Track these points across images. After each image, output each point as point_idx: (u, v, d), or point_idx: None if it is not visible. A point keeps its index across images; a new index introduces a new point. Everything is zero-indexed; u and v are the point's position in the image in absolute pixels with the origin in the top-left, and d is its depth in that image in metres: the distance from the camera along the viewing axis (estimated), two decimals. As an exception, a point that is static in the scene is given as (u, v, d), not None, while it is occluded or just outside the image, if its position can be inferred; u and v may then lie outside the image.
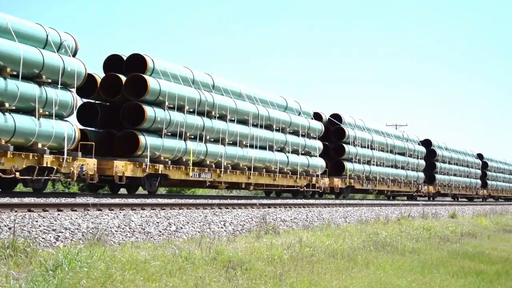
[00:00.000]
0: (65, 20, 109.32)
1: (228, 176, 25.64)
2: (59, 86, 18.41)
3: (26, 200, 15.45)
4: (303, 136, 31.88)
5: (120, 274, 8.10)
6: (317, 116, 34.90)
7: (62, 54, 18.65)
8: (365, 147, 38.43)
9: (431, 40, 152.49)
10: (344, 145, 35.91)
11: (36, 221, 11.68)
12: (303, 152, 31.80)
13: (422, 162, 47.53)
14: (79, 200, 16.70)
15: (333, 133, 36.09)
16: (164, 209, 16.37)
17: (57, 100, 18.11)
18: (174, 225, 14.28)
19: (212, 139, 24.88)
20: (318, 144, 33.40)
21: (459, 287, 10.52)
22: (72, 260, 8.29)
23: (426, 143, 50.20)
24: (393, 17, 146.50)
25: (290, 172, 30.31)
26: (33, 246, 9.40)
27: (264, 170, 28.25)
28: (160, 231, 13.47)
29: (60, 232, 11.42)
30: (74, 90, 19.06)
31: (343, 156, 35.84)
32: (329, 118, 36.21)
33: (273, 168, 28.75)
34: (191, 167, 23.29)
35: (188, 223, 14.83)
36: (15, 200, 15.01)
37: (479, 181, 59.34)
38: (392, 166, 42.05)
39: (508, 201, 67.13)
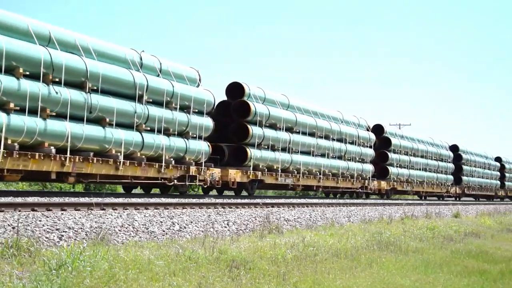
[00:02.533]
0: (65, 20, 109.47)
1: (304, 180, 30.63)
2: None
3: (30, 199, 15.47)
4: (359, 145, 37.16)
5: (123, 274, 8.10)
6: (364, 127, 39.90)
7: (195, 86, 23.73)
8: (404, 153, 43.62)
9: (432, 40, 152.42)
10: (388, 152, 40.91)
11: (40, 221, 11.69)
12: (359, 159, 36.83)
13: (451, 165, 52.39)
14: (82, 199, 16.72)
15: (378, 142, 40.44)
16: (167, 209, 16.37)
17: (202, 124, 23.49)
18: (178, 224, 14.29)
19: (295, 150, 29.95)
20: (370, 152, 38.66)
21: (462, 287, 10.50)
22: (75, 259, 8.30)
23: (454, 148, 54.80)
24: (395, 17, 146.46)
25: (349, 176, 35.24)
26: (36, 245, 9.40)
27: (330, 174, 33.09)
28: (164, 231, 13.48)
29: (63, 231, 11.43)
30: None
31: (387, 162, 40.85)
32: (373, 128, 40.77)
33: (336, 173, 33.75)
34: (279, 173, 28.38)
35: (191, 222, 14.83)
36: (19, 200, 15.03)
37: (498, 182, 63.95)
38: (426, 170, 46.92)
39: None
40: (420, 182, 45.40)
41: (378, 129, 41.14)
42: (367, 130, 39.33)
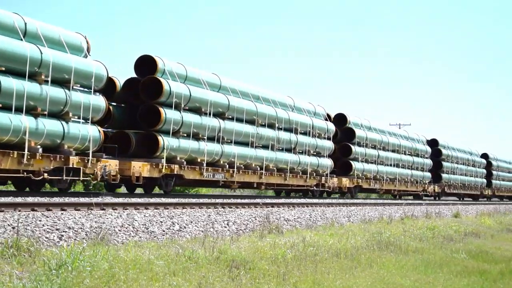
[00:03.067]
0: (63, 19, 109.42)
1: (241, 176, 25.95)
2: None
3: (30, 199, 15.47)
4: (314, 136, 32.15)
5: (123, 274, 8.11)
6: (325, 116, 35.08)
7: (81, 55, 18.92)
8: (371, 147, 38.53)
9: (432, 40, 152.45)
10: (351, 145, 36.01)
11: (40, 221, 11.70)
12: (313, 152, 32.06)
13: (428, 161, 47.70)
14: (82, 199, 16.72)
15: (340, 133, 36.02)
16: (167, 209, 16.37)
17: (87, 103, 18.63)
18: (178, 224, 14.29)
19: (228, 140, 25.19)
20: (329, 145, 33.69)
21: (462, 287, 10.50)
22: (75, 259, 8.30)
23: (433, 142, 50.28)
24: (395, 17, 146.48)
25: (300, 172, 30.61)
26: (36, 245, 9.41)
27: (275, 170, 28.50)
28: (164, 231, 13.48)
29: (63, 231, 11.44)
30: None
31: (350, 156, 35.89)
32: (335, 118, 36.28)
33: (284, 168, 29.12)
34: (205, 167, 23.59)
35: (191, 222, 14.83)
36: (19, 200, 15.03)
37: (484, 181, 59.41)
38: (398, 166, 42.17)
39: (512, 201, 67.28)
40: (392, 179, 40.67)
41: (340, 119, 36.44)
42: (327, 119, 34.38)
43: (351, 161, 35.86)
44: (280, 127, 29.01)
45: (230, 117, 25.28)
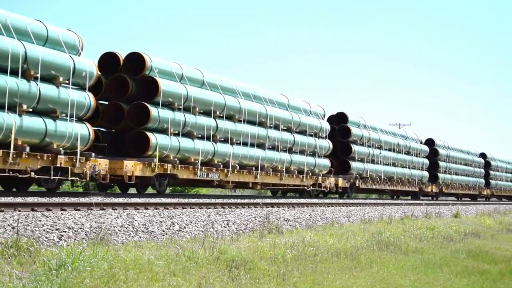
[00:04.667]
0: (63, 18, 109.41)
1: (235, 175, 25.69)
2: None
3: (30, 199, 15.47)
4: (311, 135, 31.97)
5: (123, 274, 8.10)
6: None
7: (72, 54, 18.63)
8: (369, 146, 38.31)
9: (433, 40, 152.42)
10: (351, 144, 35.90)
11: (40, 221, 11.69)
12: (310, 152, 31.85)
13: (426, 161, 47.49)
14: (82, 199, 16.72)
15: (339, 132, 35.97)
16: (167, 209, 16.37)
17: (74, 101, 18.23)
18: (177, 224, 14.29)
19: (222, 139, 25.00)
20: (326, 144, 33.48)
21: (462, 287, 10.50)
22: (75, 259, 8.30)
23: (429, 142, 50.12)
24: (396, 16, 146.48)
25: (296, 172, 30.35)
26: (36, 245, 9.41)
27: (271, 169, 28.32)
28: (164, 231, 13.48)
29: (63, 231, 11.43)
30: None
31: (349, 155, 35.80)
32: (334, 117, 36.19)
33: (279, 168, 28.88)
34: (199, 166, 23.35)
35: (191, 222, 14.83)
36: (19, 200, 15.03)
37: (482, 180, 59.15)
38: (396, 165, 41.93)
39: (511, 201, 67.06)
40: (389, 179, 40.45)
41: (340, 118, 36.43)
42: (323, 118, 34.17)
43: (349, 161, 35.69)
44: (275, 125, 28.74)
45: (221, 116, 24.98)
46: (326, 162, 33.22)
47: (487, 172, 60.92)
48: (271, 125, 28.54)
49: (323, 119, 34.02)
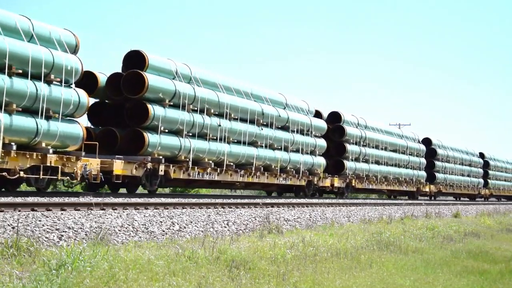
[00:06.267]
0: (61, 17, 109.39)
1: (224, 175, 25.21)
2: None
3: (30, 199, 15.47)
4: (307, 134, 31.71)
5: (123, 274, 8.10)
6: (317, 114, 34.40)
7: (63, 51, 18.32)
8: (365, 145, 38.02)
9: (433, 40, 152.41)
10: (345, 143, 35.62)
11: (40, 221, 11.70)
12: (307, 151, 31.57)
13: (423, 160, 47.14)
14: (82, 199, 16.72)
15: (333, 132, 35.61)
16: (167, 209, 16.38)
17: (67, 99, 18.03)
18: (177, 224, 14.29)
19: (215, 137, 24.59)
20: (321, 143, 33.17)
21: (462, 287, 10.50)
22: (75, 259, 8.30)
23: (426, 141, 49.85)
24: (396, 16, 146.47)
25: (293, 171, 30.15)
26: (36, 245, 9.41)
27: (262, 168, 27.78)
28: (163, 231, 13.48)
29: (63, 231, 11.44)
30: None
31: (344, 155, 35.50)
32: (328, 116, 35.91)
33: (273, 167, 28.49)
34: (190, 166, 23.06)
35: (191, 222, 14.83)
36: (19, 200, 15.03)
37: (481, 180, 58.94)
38: (392, 165, 41.59)
39: (510, 200, 67.07)
40: (385, 178, 40.10)
41: (334, 117, 36.09)
42: (319, 117, 34.22)
43: (343, 160, 35.39)
44: (270, 123, 28.43)
45: (216, 113, 24.65)
46: (322, 161, 32.86)
47: (486, 172, 60.76)
48: (269, 124, 28.29)
49: (319, 117, 33.87)
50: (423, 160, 47.12)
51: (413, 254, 13.81)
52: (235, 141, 25.93)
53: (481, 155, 61.03)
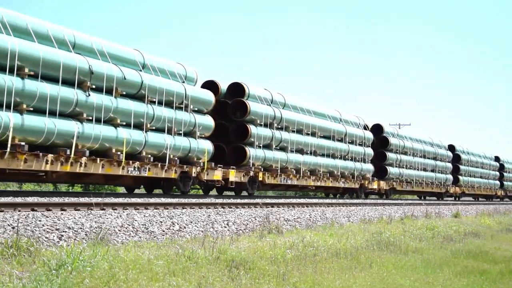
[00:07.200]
0: (59, 16, 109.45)
1: (303, 180, 30.66)
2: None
3: (30, 199, 15.47)
4: (360, 145, 37.38)
5: (123, 274, 8.10)
6: (364, 127, 39.70)
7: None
8: (403, 153, 43.53)
9: (434, 39, 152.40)
10: (386, 152, 40.96)
11: (40, 221, 11.70)
12: (359, 159, 37.04)
13: (449, 165, 52.33)
14: (82, 199, 16.72)
15: (376, 141, 40.60)
16: (167, 209, 16.38)
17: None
18: (177, 224, 14.29)
19: (293, 150, 29.86)
20: (370, 152, 38.84)
21: (462, 287, 10.50)
22: (75, 259, 8.30)
23: (450, 148, 54.59)
24: (398, 15, 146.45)
25: (350, 176, 35.54)
26: (36, 245, 9.40)
27: (328, 174, 33.17)
28: (163, 231, 13.48)
29: (63, 231, 11.44)
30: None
31: (385, 162, 40.85)
32: (372, 128, 40.85)
33: (335, 173, 33.85)
34: (279, 173, 28.49)
35: (191, 222, 14.83)
36: (19, 200, 15.04)
37: (497, 182, 64.22)
38: (424, 170, 46.83)
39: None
40: (420, 182, 45.54)
41: (377, 129, 41.31)
42: (365, 129, 39.38)
43: (386, 166, 40.83)
44: (332, 136, 34.00)
45: (293, 130, 30.08)
46: (371, 167, 38.39)
47: (501, 174, 65.89)
48: (331, 136, 33.82)
49: (365, 129, 39.16)
50: (450, 165, 52.49)
51: (413, 254, 13.80)
52: (308, 152, 31.21)
53: (497, 159, 66.04)
